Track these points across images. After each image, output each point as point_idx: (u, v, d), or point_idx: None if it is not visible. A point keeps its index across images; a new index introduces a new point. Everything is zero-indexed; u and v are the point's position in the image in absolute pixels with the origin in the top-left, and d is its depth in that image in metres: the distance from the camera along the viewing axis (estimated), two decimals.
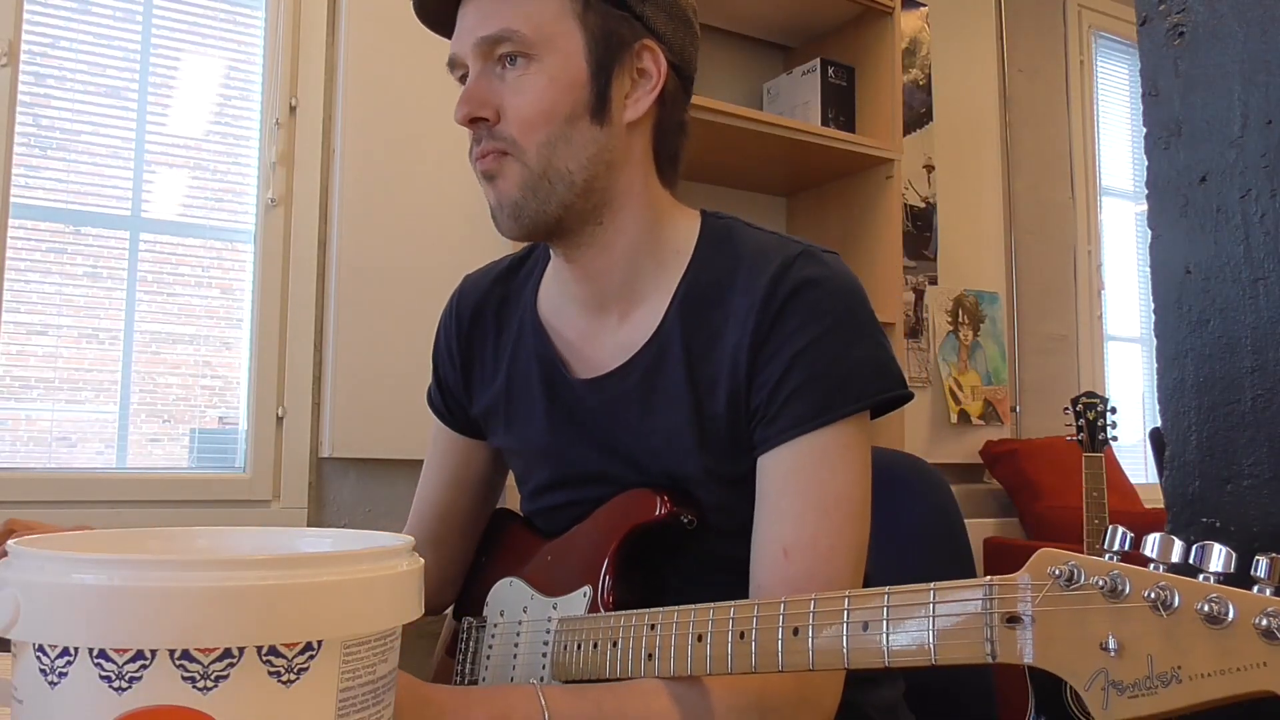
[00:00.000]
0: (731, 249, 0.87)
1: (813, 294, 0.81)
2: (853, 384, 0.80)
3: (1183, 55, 0.77)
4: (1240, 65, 0.73)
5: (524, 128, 0.82)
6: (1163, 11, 0.79)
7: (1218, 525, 0.75)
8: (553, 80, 0.82)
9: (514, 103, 0.82)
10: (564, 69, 0.82)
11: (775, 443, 0.80)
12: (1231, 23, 0.74)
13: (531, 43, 0.81)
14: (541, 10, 0.82)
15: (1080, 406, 2.22)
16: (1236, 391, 0.73)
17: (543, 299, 0.97)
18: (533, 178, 0.83)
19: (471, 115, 0.84)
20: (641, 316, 0.88)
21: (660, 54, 0.86)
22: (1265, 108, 0.71)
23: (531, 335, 0.95)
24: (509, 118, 0.83)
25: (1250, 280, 0.72)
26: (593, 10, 0.83)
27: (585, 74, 0.83)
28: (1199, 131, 0.76)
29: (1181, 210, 0.77)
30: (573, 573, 0.88)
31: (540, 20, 0.82)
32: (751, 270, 0.83)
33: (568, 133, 0.82)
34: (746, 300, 0.82)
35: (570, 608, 0.86)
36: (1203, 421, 0.76)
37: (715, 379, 0.84)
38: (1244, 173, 0.72)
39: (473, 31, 0.83)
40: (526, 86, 0.82)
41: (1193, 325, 0.76)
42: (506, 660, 0.91)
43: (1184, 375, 0.76)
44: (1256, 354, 0.71)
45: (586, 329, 0.92)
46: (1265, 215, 0.71)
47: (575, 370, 0.92)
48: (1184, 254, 0.76)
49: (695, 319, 0.86)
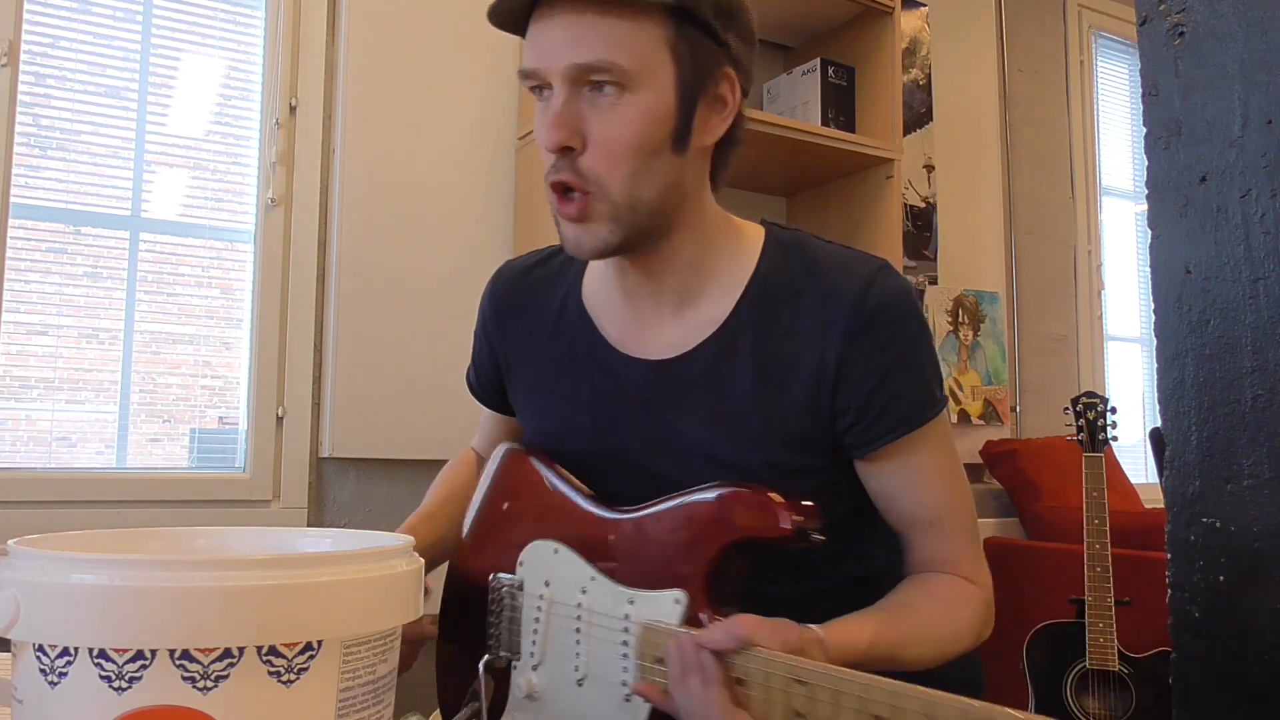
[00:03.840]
0: (804, 255, 0.91)
1: (903, 305, 0.88)
2: (937, 378, 0.92)
3: (1183, 55, 0.77)
4: (1240, 65, 0.73)
5: (611, 162, 0.82)
6: (1163, 11, 0.79)
7: (1218, 525, 0.75)
8: (645, 113, 0.81)
9: (604, 134, 0.82)
10: (656, 101, 0.82)
11: (879, 444, 0.88)
12: (1232, 23, 0.74)
13: (629, 74, 0.80)
14: (639, 39, 0.80)
15: (1080, 406, 2.22)
16: (1236, 391, 0.73)
17: (588, 286, 0.99)
18: (620, 213, 0.84)
19: (564, 143, 0.82)
20: (702, 310, 0.91)
21: (736, 81, 0.87)
22: (1265, 108, 0.71)
23: (577, 319, 0.97)
24: (596, 149, 0.82)
25: (1250, 280, 0.72)
26: (684, 40, 0.82)
27: (674, 105, 0.83)
28: (1199, 131, 0.76)
29: (1181, 210, 0.77)
30: (656, 567, 0.82)
31: (638, 51, 0.80)
32: (834, 277, 0.88)
33: (651, 165, 0.83)
34: (833, 306, 0.87)
35: (655, 610, 0.79)
36: (1203, 421, 0.76)
37: (788, 374, 0.87)
38: (1244, 173, 0.72)
39: (565, 55, 0.81)
40: (618, 119, 0.81)
41: (1193, 325, 0.76)
42: (568, 647, 0.85)
43: (1184, 375, 0.76)
44: (1256, 354, 0.71)
45: (637, 319, 0.94)
46: (1265, 215, 0.71)
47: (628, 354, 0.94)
48: (1184, 254, 0.76)
49: (767, 315, 0.89)
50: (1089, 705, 2.05)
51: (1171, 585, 0.85)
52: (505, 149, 2.21)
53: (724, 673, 0.71)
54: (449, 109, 2.14)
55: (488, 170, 2.18)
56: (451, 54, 2.15)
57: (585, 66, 0.80)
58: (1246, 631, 0.75)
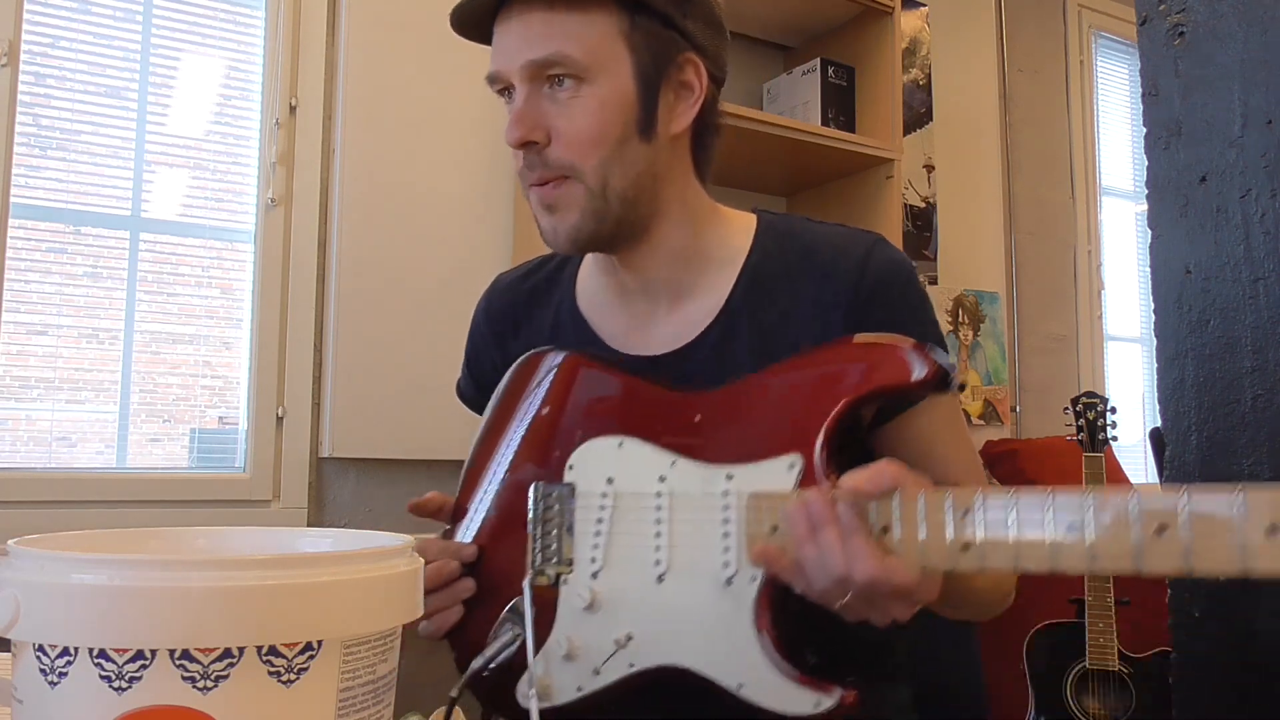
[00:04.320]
0: (796, 238, 0.92)
1: (902, 274, 0.88)
2: (943, 345, 0.89)
3: (1183, 55, 0.77)
4: (1240, 65, 0.73)
5: (578, 151, 0.83)
6: (1163, 11, 0.79)
7: None
8: (604, 103, 0.83)
9: (566, 126, 0.83)
10: (614, 90, 0.83)
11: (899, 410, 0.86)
12: (1231, 23, 0.74)
13: (583, 66, 0.82)
14: (591, 32, 0.82)
15: (1080, 406, 2.22)
16: (1236, 391, 0.73)
17: (581, 291, 0.99)
18: (595, 200, 0.84)
19: (525, 139, 0.84)
20: (697, 303, 0.91)
21: (701, 65, 0.88)
22: (1265, 108, 0.71)
23: (571, 324, 0.97)
24: (562, 141, 0.83)
25: (1250, 280, 0.72)
26: (639, 29, 0.84)
27: (634, 94, 0.84)
28: (1199, 131, 0.76)
29: (1181, 210, 0.77)
30: (761, 436, 0.75)
31: (590, 42, 0.82)
32: (830, 256, 0.88)
33: (620, 153, 0.84)
34: (831, 285, 0.87)
35: (763, 479, 0.72)
36: (1203, 421, 0.76)
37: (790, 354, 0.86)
38: (1244, 173, 0.72)
39: (520, 54, 0.83)
40: (578, 110, 0.83)
41: (1193, 325, 0.76)
42: (644, 543, 0.77)
43: (1184, 375, 0.76)
44: (1256, 354, 0.71)
45: (631, 319, 0.94)
46: (1265, 215, 0.71)
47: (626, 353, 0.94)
48: (1184, 254, 0.76)
49: (762, 300, 0.89)
50: (1089, 705, 2.05)
51: (1171, 585, 0.85)
52: (505, 149, 2.19)
53: (864, 523, 0.66)
54: (449, 109, 2.14)
55: (488, 170, 2.18)
56: (451, 54, 2.15)
57: (539, 62, 0.82)
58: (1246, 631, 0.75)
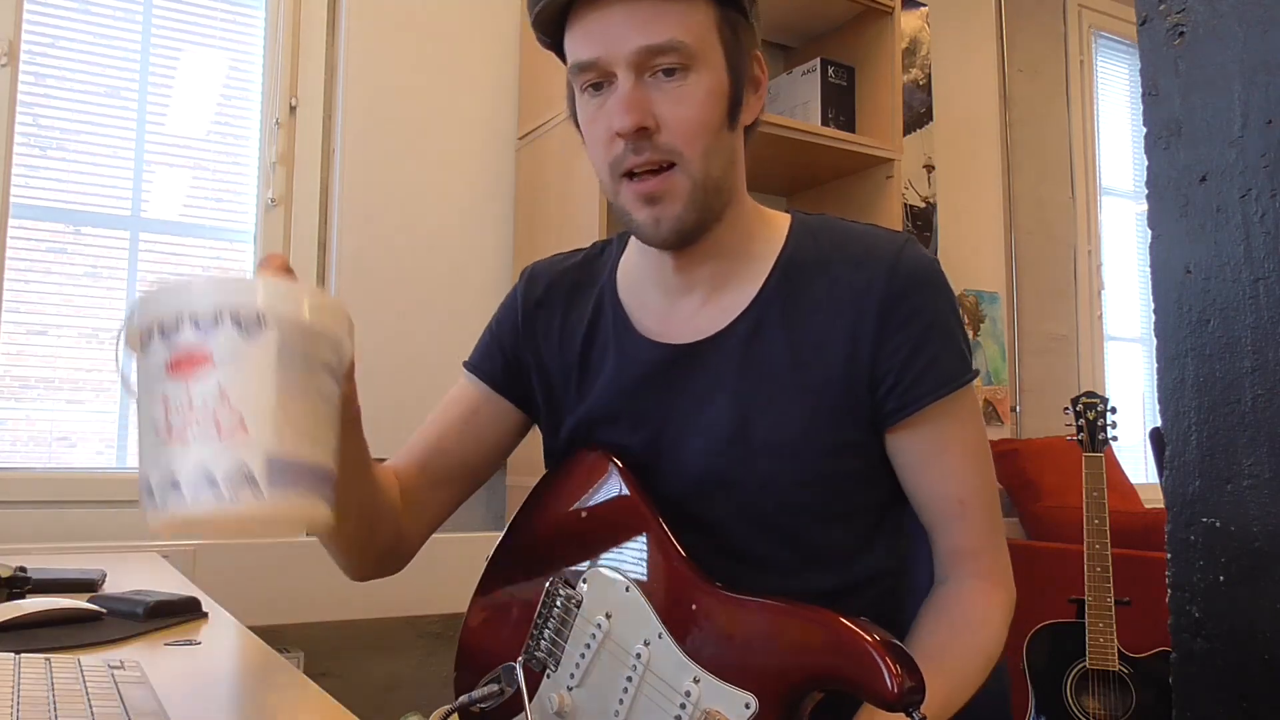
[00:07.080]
0: (830, 235, 0.94)
1: (933, 274, 0.91)
2: (967, 349, 0.92)
3: (1183, 55, 0.77)
4: (1240, 65, 0.73)
5: (686, 139, 0.84)
6: (1163, 11, 0.79)
7: (1218, 525, 0.75)
8: (709, 93, 0.85)
9: (676, 114, 0.84)
10: (716, 80, 0.85)
11: (921, 404, 0.88)
12: (1232, 23, 0.74)
13: (692, 53, 0.83)
14: (696, 20, 0.84)
15: (1080, 406, 2.22)
16: (1236, 391, 0.73)
17: (622, 281, 1.00)
18: (697, 190, 0.86)
19: (640, 123, 0.83)
20: (730, 295, 0.93)
21: (764, 60, 0.92)
22: (1265, 108, 0.71)
23: (612, 311, 0.98)
24: (671, 129, 0.84)
25: (1250, 280, 0.72)
26: (727, 23, 0.86)
27: (728, 84, 0.87)
28: (1199, 131, 0.76)
29: (1181, 210, 0.77)
30: (734, 659, 0.78)
31: (697, 31, 0.84)
32: (863, 251, 0.91)
33: (718, 143, 0.86)
34: (864, 277, 0.89)
35: (720, 703, 0.76)
36: (1203, 421, 0.76)
37: (822, 348, 0.89)
38: (1244, 173, 0.72)
39: (630, 40, 0.82)
40: (687, 97, 0.84)
41: (1193, 325, 0.76)
42: (613, 687, 0.82)
43: (1184, 375, 0.76)
44: (1256, 354, 0.71)
45: (668, 309, 0.95)
46: (1265, 215, 0.71)
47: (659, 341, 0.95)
48: (1184, 254, 0.76)
49: (794, 292, 0.91)
50: (1089, 705, 2.05)
51: (1171, 585, 0.85)
52: (505, 149, 2.21)
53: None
54: (449, 109, 2.14)
55: (488, 170, 2.18)
56: (451, 54, 2.15)
57: (654, 48, 0.82)
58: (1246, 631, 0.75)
